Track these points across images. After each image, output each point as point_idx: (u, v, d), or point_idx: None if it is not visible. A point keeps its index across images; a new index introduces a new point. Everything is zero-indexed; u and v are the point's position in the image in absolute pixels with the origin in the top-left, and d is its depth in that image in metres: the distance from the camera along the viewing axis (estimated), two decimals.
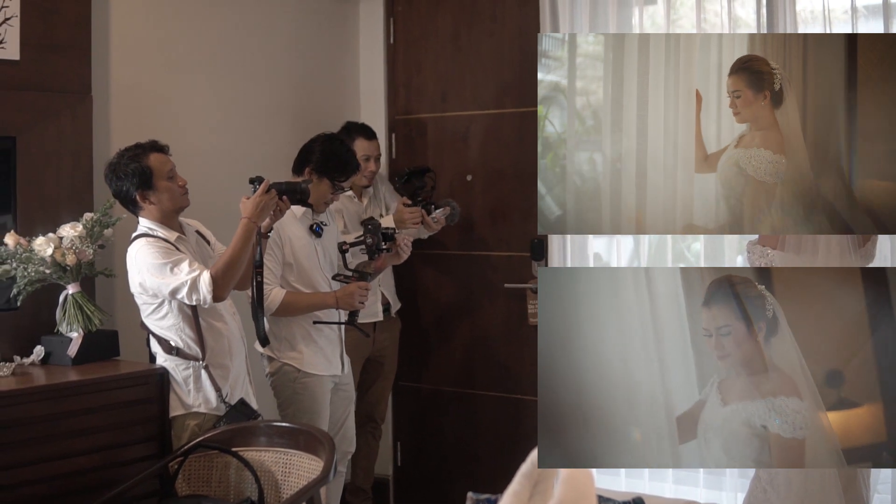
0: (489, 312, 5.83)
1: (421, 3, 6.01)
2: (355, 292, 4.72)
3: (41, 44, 4.49)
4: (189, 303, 4.10)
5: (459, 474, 5.91)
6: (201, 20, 5.29)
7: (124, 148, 4.23)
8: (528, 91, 5.52)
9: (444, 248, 5.86)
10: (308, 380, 4.78)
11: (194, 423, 4.23)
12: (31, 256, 4.20)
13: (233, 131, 5.40)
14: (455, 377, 5.96)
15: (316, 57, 5.92)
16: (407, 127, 6.07)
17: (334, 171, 4.82)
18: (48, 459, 3.92)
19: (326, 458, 3.91)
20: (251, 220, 4.19)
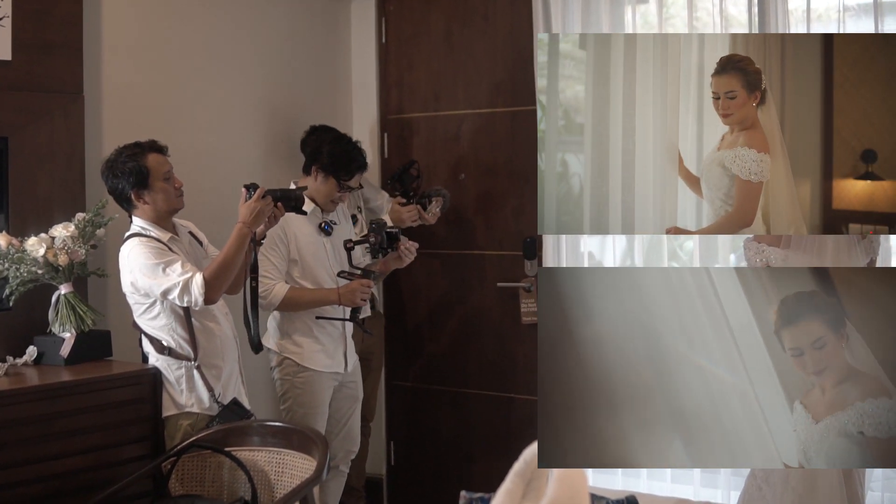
0: (482, 311, 5.83)
1: (413, 3, 6.00)
2: (357, 289, 4.75)
3: (33, 44, 4.48)
4: (180, 304, 4.10)
5: (453, 473, 5.91)
6: (193, 20, 5.28)
7: (123, 146, 4.23)
8: (521, 90, 5.53)
9: (437, 246, 5.86)
10: (307, 374, 4.82)
11: (187, 422, 4.22)
12: (24, 257, 4.20)
13: (225, 131, 5.40)
14: (448, 376, 5.96)
15: (308, 56, 5.91)
16: (399, 126, 6.07)
17: (341, 170, 4.85)
18: (41, 460, 3.91)
19: (319, 457, 3.92)
20: (246, 225, 4.20)
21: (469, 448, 5.89)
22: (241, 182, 4.32)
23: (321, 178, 4.85)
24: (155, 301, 4.17)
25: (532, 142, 5.32)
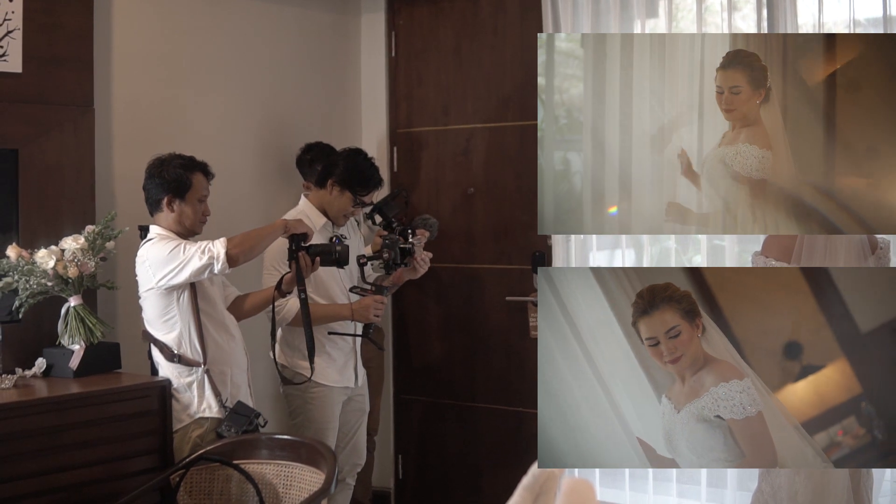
0: (491, 325, 5.83)
1: (422, 17, 6.02)
2: (371, 305, 4.75)
3: (43, 57, 4.50)
4: (201, 265, 4.11)
5: (461, 487, 5.91)
6: (203, 34, 5.30)
7: (179, 154, 4.32)
8: (530, 104, 5.54)
9: (445, 261, 5.86)
10: (318, 390, 4.80)
11: (196, 434, 4.23)
12: (33, 269, 4.21)
13: (235, 144, 5.41)
14: (456, 390, 5.96)
15: (318, 70, 5.93)
16: (408, 140, 6.08)
17: (357, 184, 4.84)
18: (50, 472, 3.91)
19: (328, 470, 3.91)
20: (287, 224, 4.38)
21: (477, 462, 5.88)
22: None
23: (336, 191, 4.84)
24: (172, 304, 4.20)
25: None
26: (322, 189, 4.90)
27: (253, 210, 5.27)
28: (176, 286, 4.17)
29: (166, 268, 4.13)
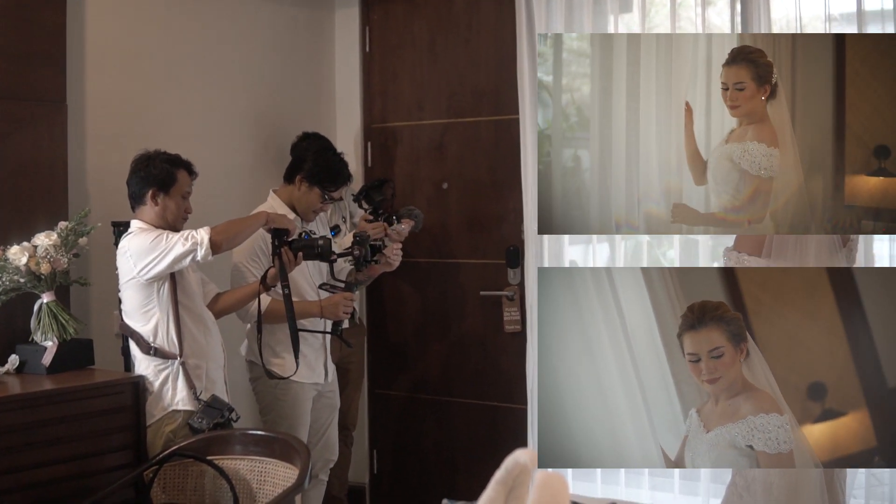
0: (465, 320, 5.83)
1: (397, 12, 6.02)
2: (340, 302, 4.73)
3: (16, 53, 4.47)
4: (184, 251, 4.11)
5: (436, 482, 5.91)
6: (177, 28, 5.28)
7: (164, 151, 4.35)
8: (504, 99, 5.55)
9: (420, 256, 5.86)
10: (289, 386, 4.78)
11: (169, 429, 4.23)
12: (6, 265, 4.19)
13: (208, 140, 5.39)
14: (431, 385, 5.96)
15: (292, 65, 5.91)
16: (383, 135, 6.07)
17: (326, 180, 4.85)
18: (23, 469, 3.89)
19: (301, 465, 3.91)
20: (269, 216, 4.42)
21: (452, 457, 5.89)
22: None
23: (305, 187, 4.84)
24: (152, 296, 4.20)
25: (515, 150, 5.35)
26: (290, 185, 4.89)
27: (227, 205, 5.24)
28: (157, 275, 4.15)
29: (149, 256, 4.12)
